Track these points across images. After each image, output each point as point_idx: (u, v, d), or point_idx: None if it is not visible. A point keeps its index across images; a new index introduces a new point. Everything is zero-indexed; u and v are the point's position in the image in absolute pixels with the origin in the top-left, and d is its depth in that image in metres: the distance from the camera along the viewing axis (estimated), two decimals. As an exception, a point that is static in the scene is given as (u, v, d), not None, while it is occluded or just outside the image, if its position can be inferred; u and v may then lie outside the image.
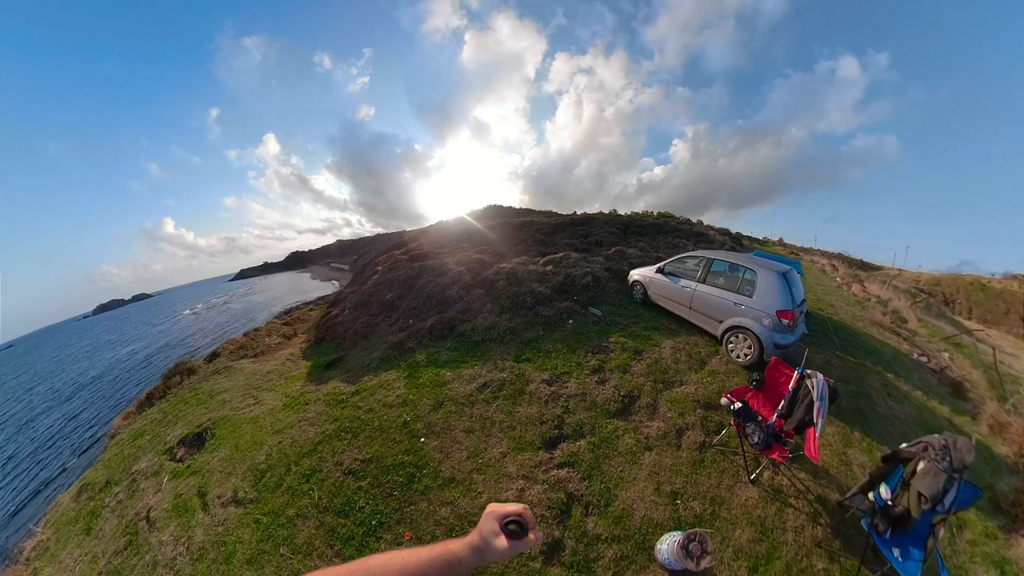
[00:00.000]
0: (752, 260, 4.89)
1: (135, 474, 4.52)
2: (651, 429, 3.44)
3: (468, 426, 3.66)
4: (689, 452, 3.21)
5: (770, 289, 4.42)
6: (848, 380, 4.77)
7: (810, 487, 3.05)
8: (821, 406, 2.77)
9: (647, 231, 14.37)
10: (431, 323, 6.48)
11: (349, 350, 7.50)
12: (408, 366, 5.01)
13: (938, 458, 2.28)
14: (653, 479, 2.99)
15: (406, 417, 3.88)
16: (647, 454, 3.20)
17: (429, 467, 3.25)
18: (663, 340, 4.99)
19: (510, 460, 3.21)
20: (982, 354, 7.91)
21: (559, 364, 4.50)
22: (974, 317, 18.70)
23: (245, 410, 5.32)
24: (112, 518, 3.95)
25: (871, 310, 9.05)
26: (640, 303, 6.39)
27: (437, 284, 8.81)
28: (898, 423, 4.11)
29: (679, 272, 5.61)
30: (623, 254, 9.38)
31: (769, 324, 4.33)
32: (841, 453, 3.43)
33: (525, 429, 3.52)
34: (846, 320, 7.59)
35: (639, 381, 4.10)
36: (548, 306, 6.12)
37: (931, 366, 6.14)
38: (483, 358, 4.83)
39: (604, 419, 3.59)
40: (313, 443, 3.82)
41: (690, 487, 2.95)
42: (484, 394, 4.08)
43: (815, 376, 2.87)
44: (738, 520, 2.73)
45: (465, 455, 3.33)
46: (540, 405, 3.80)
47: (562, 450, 3.26)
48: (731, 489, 2.95)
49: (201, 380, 7.59)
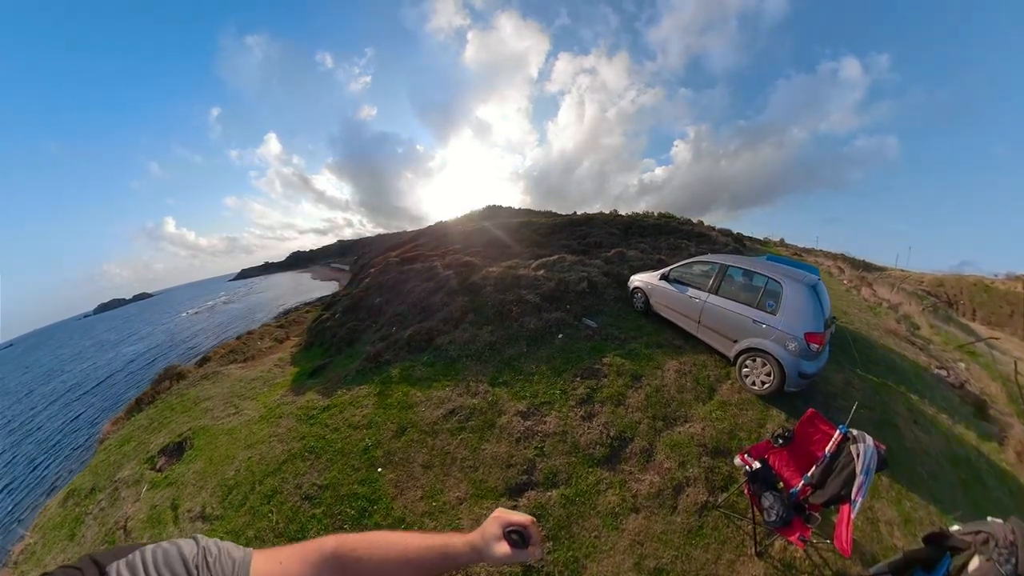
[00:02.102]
0: (776, 268, 4.14)
1: (118, 482, 4.65)
2: (642, 484, 2.79)
3: (428, 460, 3.30)
4: (686, 516, 2.58)
5: (799, 305, 3.68)
6: (872, 406, 4.32)
7: (828, 559, 2.51)
8: (864, 480, 2.11)
9: (648, 232, 13.73)
10: (410, 333, 5.95)
11: (334, 357, 7.38)
12: (381, 381, 4.77)
13: (1001, 559, 1.76)
14: (635, 551, 2.38)
15: (368, 442, 3.68)
16: (633, 517, 2.58)
17: (382, 502, 3.01)
18: (666, 361, 4.29)
19: (466, 508, 2.76)
20: (998, 363, 7.68)
21: (540, 391, 3.86)
22: (978, 319, 18.09)
23: (225, 420, 5.40)
24: (94, 525, 4.10)
25: (884, 317, 8.55)
26: (642, 313, 5.67)
27: (423, 289, 8.25)
28: (928, 460, 3.70)
29: (687, 279, 4.86)
30: (623, 256, 8.67)
31: (795, 349, 3.60)
32: (866, 508, 2.87)
33: (488, 471, 3.04)
34: (862, 330, 7.04)
35: (634, 417, 3.41)
36: (536, 317, 5.42)
37: (951, 380, 5.85)
38: (456, 378, 4.34)
39: (585, 467, 2.96)
40: (279, 462, 3.80)
41: (680, 563, 2.36)
42: (450, 423, 3.61)
43: (863, 441, 2.19)
44: None
45: (420, 494, 3.00)
46: (510, 444, 3.23)
47: (528, 499, 2.72)
48: (731, 566, 2.40)
49: (189, 385, 7.69)
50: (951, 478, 3.57)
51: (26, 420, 13.22)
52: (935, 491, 3.22)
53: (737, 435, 3.29)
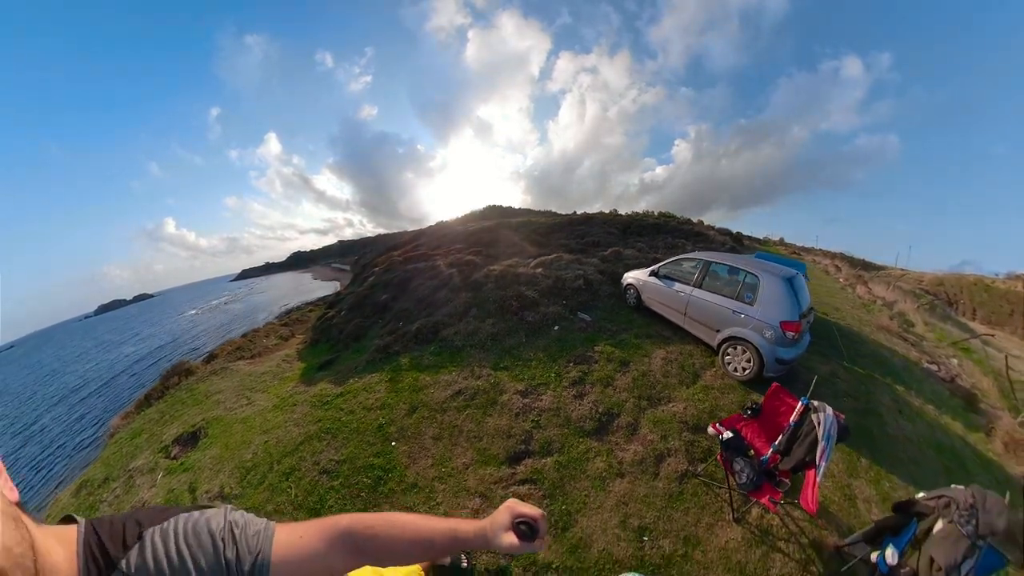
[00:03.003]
0: (754, 263, 4.48)
1: (132, 471, 4.66)
2: (627, 453, 3.11)
3: (437, 433, 3.61)
4: (667, 482, 2.87)
5: (774, 297, 4.03)
6: (856, 396, 4.49)
7: (804, 528, 2.71)
8: (826, 446, 2.37)
9: (647, 231, 14.03)
10: (417, 327, 6.28)
11: (342, 352, 7.54)
12: (391, 369, 5.02)
13: (962, 520, 1.92)
14: (620, 510, 2.67)
15: (382, 421, 3.93)
16: (618, 481, 2.88)
17: (396, 471, 3.26)
18: (654, 350, 4.62)
19: (472, 473, 3.09)
20: (991, 359, 7.67)
21: (537, 374, 4.21)
22: (978, 318, 18.20)
23: (238, 410, 5.46)
24: (109, 512, 4.00)
25: (877, 314, 8.77)
26: (634, 308, 6.02)
27: (427, 287, 8.59)
28: (910, 446, 3.83)
29: (674, 275, 5.22)
30: (620, 255, 9.01)
31: (771, 336, 3.95)
32: (845, 485, 3.08)
33: (491, 441, 3.38)
34: (852, 325, 7.25)
35: (621, 397, 3.75)
36: (534, 311, 5.77)
37: (941, 375, 5.92)
38: (462, 364, 4.67)
39: (576, 438, 3.30)
40: (296, 443, 3.93)
41: (662, 522, 2.63)
42: (457, 401, 3.95)
43: (823, 410, 2.45)
44: (713, 565, 2.43)
45: (430, 462, 3.29)
46: (510, 417, 3.59)
47: (526, 466, 3.05)
48: (710, 528, 2.64)
49: (198, 381, 7.77)
50: (934, 464, 3.72)
51: (30, 422, 13.08)
52: (916, 474, 3.38)
53: (717, 414, 3.59)
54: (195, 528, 0.62)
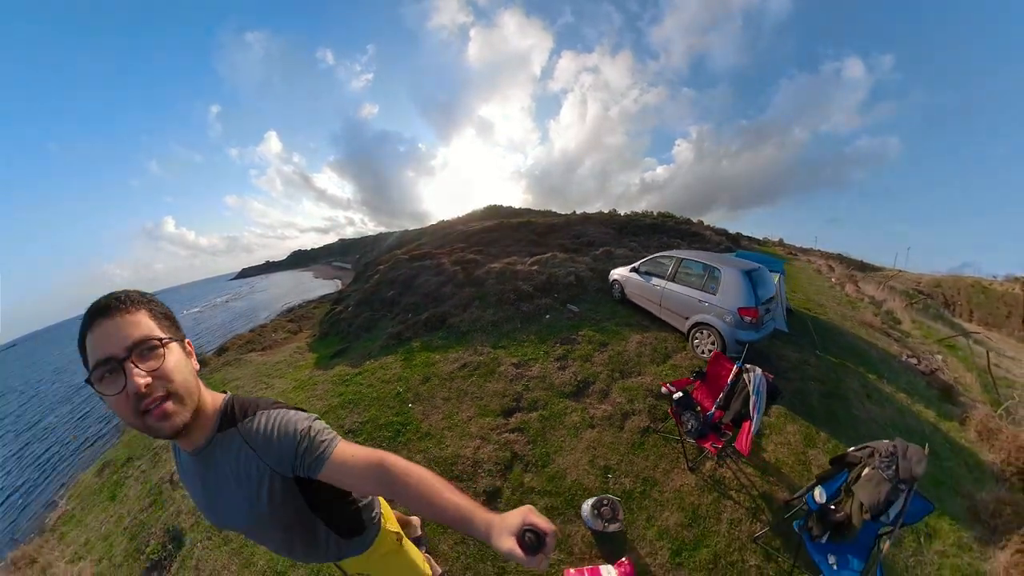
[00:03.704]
0: (718, 259, 5.14)
1: (157, 448, 4.87)
2: (598, 411, 3.75)
3: (446, 395, 4.25)
4: (631, 434, 3.46)
5: (733, 287, 4.65)
6: (824, 380, 4.73)
7: (756, 483, 3.02)
8: (757, 400, 2.81)
9: (642, 231, 14.61)
10: (426, 316, 6.95)
11: (353, 342, 7.90)
12: (405, 352, 5.52)
13: (882, 466, 2.12)
14: (590, 452, 3.26)
15: (399, 389, 4.49)
16: (589, 431, 3.51)
17: (412, 425, 3.84)
18: (631, 335, 5.28)
19: (473, 423, 3.75)
20: (977, 356, 7.59)
21: (528, 352, 4.93)
22: (975, 320, 18.36)
23: (258, 393, 5.67)
24: (136, 485, 4.35)
25: (863, 310, 8.95)
26: (618, 301, 6.68)
27: (433, 282, 9.25)
28: (874, 426, 4.00)
29: (652, 271, 5.89)
30: (611, 254, 9.67)
31: (731, 321, 4.58)
32: (801, 452, 3.38)
33: (490, 400, 4.07)
34: (834, 320, 7.39)
35: (597, 369, 4.42)
36: (529, 303, 6.47)
37: (921, 368, 5.93)
38: (467, 345, 5.37)
39: (557, 398, 3.97)
40: (320, 412, 4.17)
41: (624, 465, 3.16)
42: (463, 372, 4.65)
43: (753, 371, 2.97)
44: (669, 503, 2.81)
45: (440, 417, 3.91)
46: (505, 383, 4.31)
47: (516, 419, 3.73)
48: (667, 473, 3.07)
49: (211, 371, 7.95)
50: None
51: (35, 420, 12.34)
52: (875, 452, 3.63)
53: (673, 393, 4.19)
54: (287, 419, 0.91)
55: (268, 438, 0.89)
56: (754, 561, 2.48)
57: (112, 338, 0.77)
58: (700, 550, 2.53)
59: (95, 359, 0.76)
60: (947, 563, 2.71)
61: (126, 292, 0.84)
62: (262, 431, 0.90)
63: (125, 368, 0.75)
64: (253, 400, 0.98)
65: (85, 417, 11.16)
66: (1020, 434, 4.13)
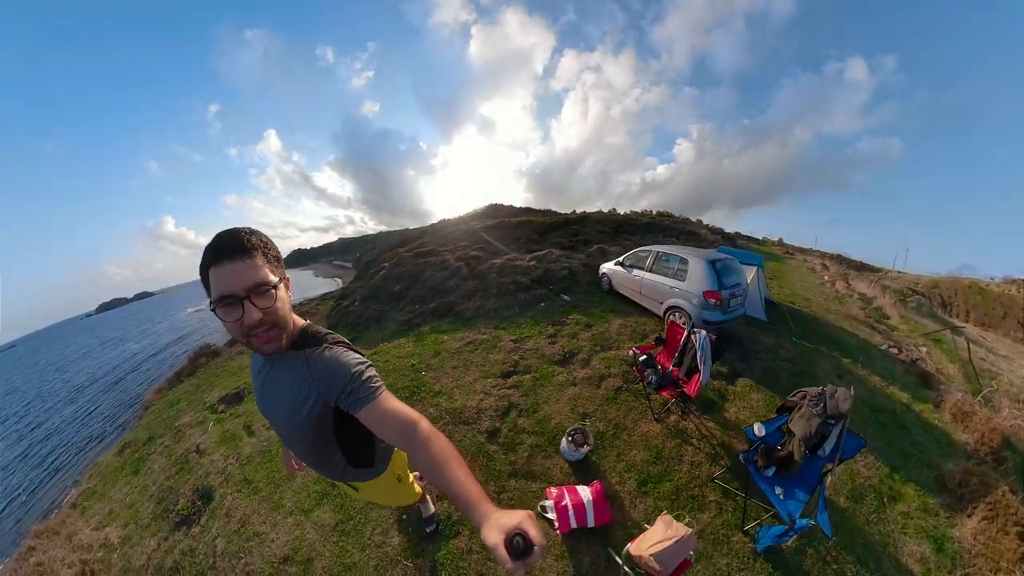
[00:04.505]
0: (690, 251, 5.85)
1: (179, 427, 5.05)
2: (580, 374, 4.51)
3: (455, 364, 4.98)
4: (606, 391, 4.17)
5: (699, 274, 5.35)
6: (795, 362, 5.03)
7: (716, 435, 3.42)
8: (703, 355, 3.44)
9: (639, 230, 15.24)
10: (434, 306, 7.68)
11: (363, 332, 8.28)
12: (415, 335, 6.21)
13: (812, 403, 2.51)
14: (571, 403, 3.99)
15: (413, 362, 5.18)
16: (571, 388, 4.26)
17: (425, 387, 4.51)
18: (614, 319, 6.03)
19: (478, 383, 4.46)
20: (961, 350, 7.65)
21: (524, 331, 5.74)
22: (971, 320, 18.57)
23: None
24: (160, 459, 4.48)
25: (849, 305, 9.10)
26: (607, 292, 7.44)
27: (439, 276, 9.99)
28: None
29: (634, 263, 6.64)
30: (605, 252, 10.40)
31: (698, 303, 5.28)
32: (762, 416, 3.64)
33: (491, 367, 4.80)
34: (817, 312, 7.62)
35: (582, 344, 5.21)
36: (527, 293, 7.25)
37: (901, 357, 6.06)
38: (472, 327, 6.16)
39: (547, 365, 4.76)
40: None
41: (599, 413, 3.78)
42: (469, 347, 5.44)
43: (698, 333, 3.60)
44: (636, 444, 3.28)
45: (450, 380, 4.61)
46: (505, 354, 5.08)
47: (513, 379, 4.47)
48: (636, 422, 3.59)
49: (226, 360, 8.39)
50: (866, 419, 3.92)
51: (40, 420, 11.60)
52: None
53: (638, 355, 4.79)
54: (346, 358, 1.05)
55: (326, 368, 1.03)
56: (713, 497, 2.81)
57: (235, 279, 0.90)
58: (663, 483, 2.92)
59: (219, 292, 0.90)
60: (911, 524, 2.85)
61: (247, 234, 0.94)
62: (322, 361, 1.04)
63: (244, 305, 0.91)
64: (324, 333, 1.13)
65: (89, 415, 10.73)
66: (994, 417, 4.30)
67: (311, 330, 1.12)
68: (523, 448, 3.39)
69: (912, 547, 2.68)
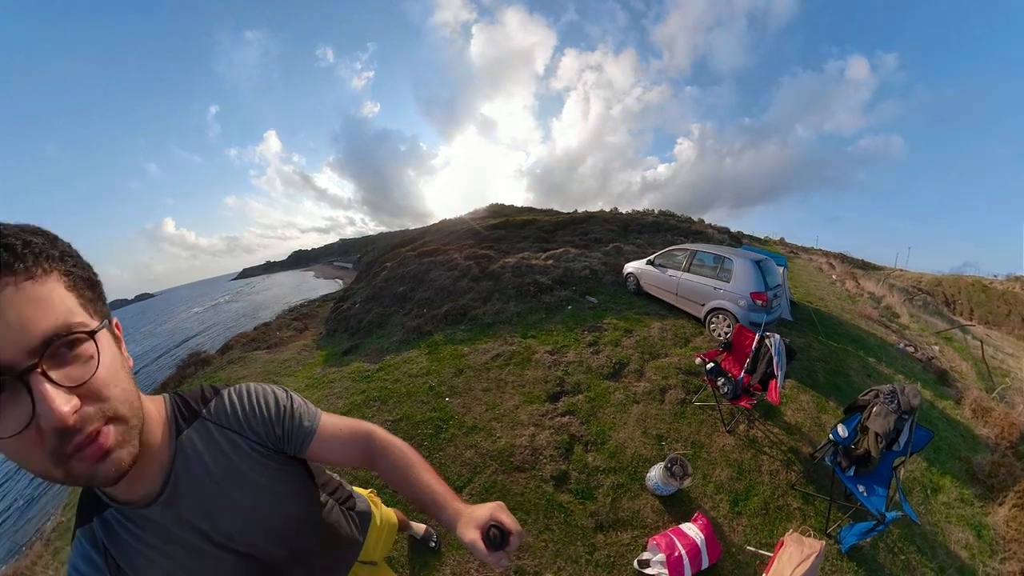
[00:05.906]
0: (729, 250, 5.49)
1: None
2: (638, 388, 4.01)
3: (486, 386, 4.13)
4: (671, 406, 3.74)
5: (745, 275, 5.01)
6: (828, 360, 5.14)
7: (783, 440, 3.42)
8: (779, 360, 3.25)
9: (646, 229, 14.96)
10: (446, 309, 7.03)
11: (364, 339, 7.64)
12: (427, 345, 5.32)
13: (887, 401, 2.62)
14: (640, 425, 3.51)
15: (431, 383, 4.25)
16: (635, 406, 3.76)
17: (454, 419, 3.61)
18: (652, 322, 5.58)
19: (522, 410, 3.71)
20: (972, 348, 8.00)
21: (559, 339, 5.12)
22: (975, 318, 18.63)
23: None
24: None
25: (861, 304, 9.26)
26: (634, 293, 7.01)
27: (448, 277, 9.44)
28: None
29: (667, 263, 6.23)
30: (620, 250, 10.00)
31: (744, 305, 4.92)
32: (815, 417, 3.82)
33: (532, 387, 4.09)
34: (834, 312, 7.73)
35: (628, 353, 4.70)
36: (549, 295, 6.74)
37: (917, 356, 6.27)
38: (494, 336, 5.35)
39: (598, 380, 4.19)
40: (343, 411, 3.82)
41: (673, 432, 3.44)
42: (497, 362, 4.57)
43: (772, 336, 3.38)
44: (717, 461, 3.13)
45: (484, 408, 3.77)
46: (544, 369, 4.37)
47: (563, 402, 3.82)
48: (710, 436, 3.41)
49: (216, 370, 7.52)
50: None
51: None
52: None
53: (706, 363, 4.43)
54: (265, 392, 0.79)
55: (247, 414, 0.74)
56: (796, 504, 2.84)
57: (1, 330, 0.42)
58: (751, 499, 2.85)
59: None
60: (953, 514, 3.06)
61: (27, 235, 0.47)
62: (237, 406, 0.74)
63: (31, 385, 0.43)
64: (203, 386, 0.79)
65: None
66: (1011, 413, 4.59)
67: (184, 396, 0.74)
68: (603, 491, 2.85)
69: (957, 535, 2.89)
